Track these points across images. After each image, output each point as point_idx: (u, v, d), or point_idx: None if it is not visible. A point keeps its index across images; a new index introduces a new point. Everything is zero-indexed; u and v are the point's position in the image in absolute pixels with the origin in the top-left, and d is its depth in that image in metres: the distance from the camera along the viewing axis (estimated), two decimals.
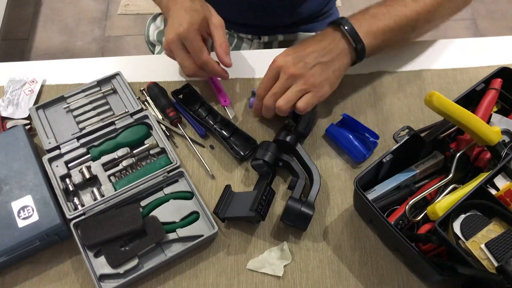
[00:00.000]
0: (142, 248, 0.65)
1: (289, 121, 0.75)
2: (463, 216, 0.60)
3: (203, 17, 0.73)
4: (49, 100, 0.78)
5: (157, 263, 0.64)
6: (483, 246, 0.58)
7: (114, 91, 0.81)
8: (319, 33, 0.74)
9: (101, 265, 0.65)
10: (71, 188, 0.70)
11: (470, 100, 0.73)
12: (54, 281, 0.66)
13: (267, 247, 0.69)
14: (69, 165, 0.73)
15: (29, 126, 0.78)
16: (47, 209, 0.65)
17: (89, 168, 0.72)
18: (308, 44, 0.71)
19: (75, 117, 0.77)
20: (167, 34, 0.73)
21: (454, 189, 0.65)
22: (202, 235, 0.66)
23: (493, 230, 0.59)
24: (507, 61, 0.85)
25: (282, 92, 0.70)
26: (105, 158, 0.73)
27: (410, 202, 0.65)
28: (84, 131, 0.75)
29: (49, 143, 0.74)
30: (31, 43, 2.09)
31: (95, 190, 0.71)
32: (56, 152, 0.73)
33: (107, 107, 0.79)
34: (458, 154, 0.67)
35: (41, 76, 0.84)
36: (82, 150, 0.74)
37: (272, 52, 0.75)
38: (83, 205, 0.69)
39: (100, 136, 0.75)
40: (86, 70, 0.85)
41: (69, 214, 0.67)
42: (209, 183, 0.74)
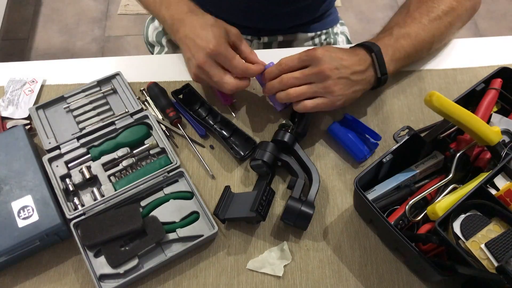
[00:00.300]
0: (142, 248, 0.65)
1: (287, 121, 0.74)
2: (463, 216, 0.60)
3: (224, 30, 0.72)
4: (49, 100, 0.78)
5: (157, 263, 0.64)
6: (483, 246, 0.58)
7: (114, 91, 0.81)
8: (353, 50, 0.74)
9: (101, 265, 0.65)
10: (71, 188, 0.70)
11: (470, 100, 0.73)
12: (54, 281, 0.66)
13: (267, 247, 0.69)
14: (69, 165, 0.73)
15: (29, 126, 0.78)
16: (47, 209, 0.65)
17: (89, 168, 0.72)
18: (346, 57, 0.71)
19: (75, 117, 0.77)
20: (196, 57, 0.70)
21: (454, 189, 0.65)
22: (202, 235, 0.66)
23: (493, 230, 0.59)
24: (507, 61, 0.85)
25: (302, 82, 0.70)
26: (105, 158, 0.73)
27: (410, 202, 0.65)
28: (84, 131, 0.75)
29: (49, 143, 0.74)
30: (31, 43, 2.09)
31: (95, 190, 0.71)
32: (56, 152, 0.73)
33: (107, 107, 0.79)
34: (458, 154, 0.67)
35: (41, 76, 0.84)
36: (82, 150, 0.74)
37: (272, 52, 0.75)
38: (83, 205, 0.69)
39: (100, 136, 0.75)
40: (86, 70, 0.85)
41: (69, 214, 0.67)
42: (209, 183, 0.74)
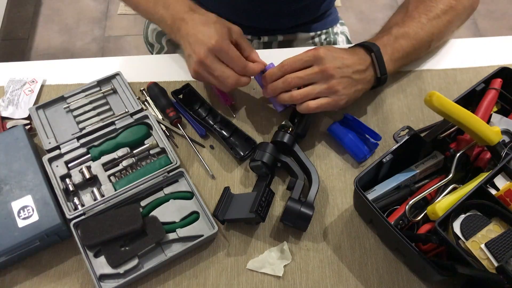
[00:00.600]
0: (142, 248, 0.65)
1: (286, 122, 0.74)
2: (463, 216, 0.60)
3: (227, 27, 0.72)
4: (49, 100, 0.78)
5: (157, 263, 0.64)
6: (483, 246, 0.58)
7: (114, 91, 0.81)
8: (353, 49, 0.74)
9: (101, 265, 0.65)
10: (71, 188, 0.70)
11: (470, 100, 0.73)
12: (54, 281, 0.66)
13: (267, 248, 0.68)
14: (69, 165, 0.73)
15: (29, 126, 0.78)
16: (47, 209, 0.65)
17: (89, 168, 0.72)
18: (347, 56, 0.71)
19: (75, 117, 0.77)
20: (197, 52, 0.70)
21: (454, 189, 0.65)
22: (202, 235, 0.66)
23: (493, 230, 0.59)
24: (507, 61, 0.85)
25: (306, 81, 0.70)
26: (105, 158, 0.73)
27: (410, 202, 0.65)
28: (84, 131, 0.75)
29: (49, 143, 0.74)
30: (31, 43, 2.09)
31: (95, 190, 0.71)
32: (56, 152, 0.73)
33: (107, 107, 0.79)
34: (458, 154, 0.67)
35: (41, 76, 0.84)
36: (82, 150, 0.74)
37: (272, 52, 0.75)
38: (83, 205, 0.69)
39: (100, 136, 0.75)
40: (86, 70, 0.85)
41: (69, 214, 0.67)
42: (209, 183, 0.74)
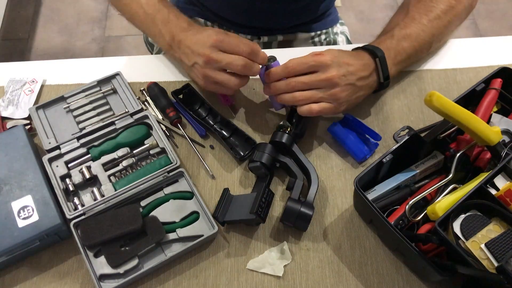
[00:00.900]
0: (142, 248, 0.65)
1: (284, 122, 0.74)
2: (463, 216, 0.60)
3: (223, 31, 0.72)
4: (49, 100, 0.78)
5: (157, 263, 0.64)
6: (483, 246, 0.58)
7: (114, 91, 0.81)
8: (358, 54, 0.74)
9: (101, 265, 0.65)
10: (71, 188, 0.70)
11: (470, 100, 0.73)
12: (54, 281, 0.66)
13: (267, 248, 0.68)
14: (69, 165, 0.73)
15: (29, 126, 0.78)
16: (47, 209, 0.65)
17: (89, 168, 0.72)
18: (352, 62, 0.71)
19: (75, 117, 0.77)
20: (201, 54, 0.69)
21: (454, 189, 0.65)
22: (202, 235, 0.66)
23: (493, 230, 0.59)
24: (507, 61, 0.85)
25: (309, 87, 0.70)
26: (105, 158, 0.73)
27: (410, 202, 0.65)
28: (84, 131, 0.75)
29: (49, 143, 0.74)
30: (31, 43, 2.09)
31: (95, 190, 0.71)
32: (56, 152, 0.73)
33: (107, 107, 0.79)
34: (458, 154, 0.67)
35: (41, 76, 0.84)
36: (82, 150, 0.74)
37: (272, 52, 0.74)
38: (83, 205, 0.69)
39: (100, 136, 0.75)
40: (86, 70, 0.85)
41: (69, 214, 0.67)
42: (209, 183, 0.74)
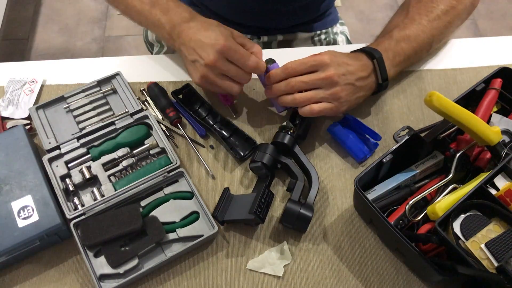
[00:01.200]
0: (142, 248, 0.65)
1: (288, 123, 0.74)
2: (463, 216, 0.60)
3: (229, 30, 0.72)
4: (49, 100, 0.78)
5: (157, 263, 0.64)
6: (483, 246, 0.58)
7: (114, 91, 0.81)
8: (356, 55, 0.74)
9: (101, 265, 0.65)
10: (71, 188, 0.70)
11: (470, 100, 0.73)
12: (54, 281, 0.66)
13: (267, 248, 0.68)
14: (69, 165, 0.73)
15: (29, 126, 0.78)
16: (47, 209, 0.65)
17: (89, 168, 0.72)
18: (351, 62, 0.71)
19: (75, 117, 0.77)
20: (205, 57, 0.69)
21: (454, 189, 0.65)
22: (202, 235, 0.66)
23: (493, 230, 0.59)
24: (507, 61, 0.85)
25: (309, 86, 0.70)
26: (105, 158, 0.73)
27: (410, 202, 0.65)
28: (84, 131, 0.75)
29: (49, 143, 0.74)
30: (31, 43, 2.09)
31: (95, 190, 0.71)
32: (56, 152, 0.73)
33: (107, 107, 0.79)
34: (458, 154, 0.67)
35: (41, 76, 0.84)
36: (82, 150, 0.74)
37: (271, 52, 0.75)
38: (83, 205, 0.69)
39: (100, 136, 0.75)
40: (86, 70, 0.85)
41: (69, 214, 0.67)
42: (209, 183, 0.74)
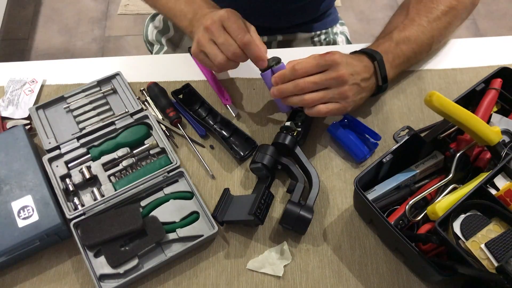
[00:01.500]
0: (142, 248, 0.65)
1: (292, 125, 0.73)
2: (463, 216, 0.60)
3: (238, 14, 0.72)
4: (49, 100, 0.78)
5: (157, 263, 0.64)
6: (483, 246, 0.58)
7: (114, 91, 0.81)
8: (358, 56, 0.74)
9: (101, 265, 0.65)
10: (71, 188, 0.70)
11: (470, 100, 0.73)
12: (54, 281, 0.66)
13: (267, 249, 0.68)
14: (69, 165, 0.73)
15: (29, 126, 0.78)
16: (47, 209, 0.65)
17: (89, 168, 0.72)
18: (356, 63, 0.71)
19: (75, 117, 0.77)
20: (204, 23, 0.70)
21: (454, 189, 0.65)
22: (202, 235, 0.66)
23: (493, 230, 0.59)
24: (507, 61, 0.85)
25: (319, 87, 0.69)
26: (105, 158, 0.73)
27: (410, 202, 0.65)
28: (84, 131, 0.75)
29: (49, 143, 0.74)
30: (31, 43, 2.09)
31: (95, 190, 0.71)
32: (56, 152, 0.73)
33: (107, 107, 0.79)
34: (458, 154, 0.67)
35: (41, 76, 0.84)
36: (82, 150, 0.74)
37: (272, 52, 0.75)
38: (83, 205, 0.69)
39: (100, 136, 0.75)
40: (86, 70, 0.85)
41: (69, 214, 0.67)
42: (209, 183, 0.74)
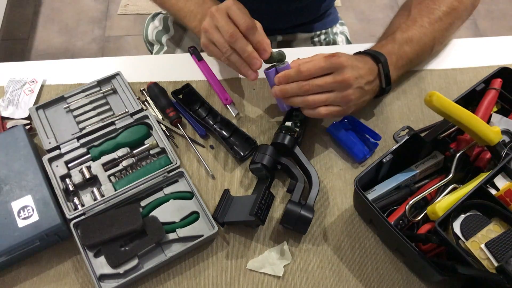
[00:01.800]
0: (142, 248, 0.65)
1: (292, 125, 0.73)
2: (463, 216, 0.60)
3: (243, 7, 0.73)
4: (49, 100, 0.78)
5: (157, 263, 0.64)
6: (483, 246, 0.58)
7: (114, 91, 0.81)
8: (362, 58, 0.73)
9: (101, 265, 0.65)
10: (71, 188, 0.70)
11: (470, 100, 0.73)
12: (54, 281, 0.66)
13: (267, 249, 0.68)
14: (69, 165, 0.73)
15: (29, 126, 0.78)
16: (47, 209, 0.65)
17: (89, 168, 0.72)
18: (361, 65, 0.71)
19: (75, 117, 0.77)
20: (211, 10, 0.72)
21: (454, 189, 0.65)
22: (202, 235, 0.66)
23: (493, 230, 0.59)
24: (507, 61, 0.85)
25: (324, 90, 0.69)
26: (105, 158, 0.73)
27: (410, 202, 0.65)
28: (84, 131, 0.75)
29: (49, 143, 0.74)
30: (31, 43, 2.09)
31: (95, 190, 0.71)
32: (56, 152, 0.73)
33: (107, 107, 0.79)
34: (458, 154, 0.67)
35: (41, 76, 0.84)
36: (82, 150, 0.74)
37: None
38: (83, 205, 0.69)
39: (100, 136, 0.75)
40: (86, 70, 0.85)
41: (69, 214, 0.67)
42: (209, 183, 0.74)
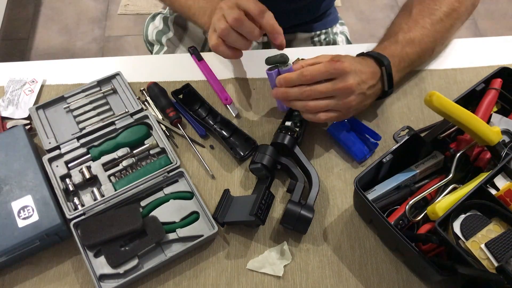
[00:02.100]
0: (142, 248, 0.65)
1: (292, 125, 0.73)
2: (463, 216, 0.60)
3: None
4: (49, 100, 0.78)
5: (157, 263, 0.64)
6: (483, 246, 0.58)
7: (114, 91, 0.81)
8: (365, 61, 0.72)
9: (101, 265, 0.65)
10: (71, 188, 0.70)
11: (470, 100, 0.73)
12: (54, 281, 0.66)
13: (267, 249, 0.68)
14: (69, 165, 0.73)
15: (29, 126, 0.78)
16: (47, 209, 0.65)
17: (89, 168, 0.72)
18: (364, 70, 0.70)
19: (75, 117, 0.77)
20: (221, 3, 0.72)
21: (454, 189, 0.65)
22: (202, 235, 0.66)
23: (493, 230, 0.59)
24: (507, 61, 0.85)
25: (325, 96, 0.68)
26: (105, 158, 0.73)
27: (410, 202, 0.65)
28: (84, 131, 0.75)
29: (49, 143, 0.74)
30: (31, 43, 2.09)
31: (95, 190, 0.71)
32: (56, 152, 0.73)
33: (107, 107, 0.79)
34: (458, 154, 0.67)
35: (41, 76, 0.84)
36: (82, 150, 0.74)
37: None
38: (83, 205, 0.69)
39: (100, 136, 0.75)
40: (86, 70, 0.85)
41: (69, 214, 0.67)
42: (209, 183, 0.74)
